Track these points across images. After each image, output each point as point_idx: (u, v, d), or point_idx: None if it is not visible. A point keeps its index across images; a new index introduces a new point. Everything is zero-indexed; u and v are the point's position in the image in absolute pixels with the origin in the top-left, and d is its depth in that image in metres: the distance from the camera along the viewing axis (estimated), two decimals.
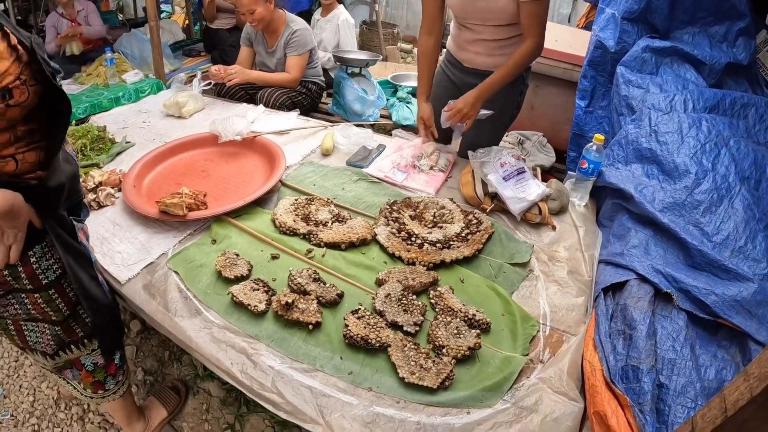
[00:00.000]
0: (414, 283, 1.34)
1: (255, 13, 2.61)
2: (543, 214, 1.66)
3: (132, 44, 3.81)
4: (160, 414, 1.70)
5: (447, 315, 1.24)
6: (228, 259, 1.41)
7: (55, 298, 1.14)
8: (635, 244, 1.45)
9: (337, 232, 1.55)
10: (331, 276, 1.42)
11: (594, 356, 1.15)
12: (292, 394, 1.06)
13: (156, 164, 1.98)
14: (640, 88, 1.83)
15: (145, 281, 1.39)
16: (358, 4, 7.06)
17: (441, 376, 1.08)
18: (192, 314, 1.28)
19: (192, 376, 1.89)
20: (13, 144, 0.96)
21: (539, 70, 2.58)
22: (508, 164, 1.73)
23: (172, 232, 1.60)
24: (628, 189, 1.58)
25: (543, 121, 2.79)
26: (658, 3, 1.87)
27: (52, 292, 1.13)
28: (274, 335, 1.21)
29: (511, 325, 1.26)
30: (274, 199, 1.80)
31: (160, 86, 3.25)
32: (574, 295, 1.39)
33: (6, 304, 1.11)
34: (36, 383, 1.92)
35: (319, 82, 3.07)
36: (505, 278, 1.44)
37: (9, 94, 0.89)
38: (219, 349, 1.17)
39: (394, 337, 1.18)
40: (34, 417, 1.81)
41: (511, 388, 1.10)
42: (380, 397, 1.08)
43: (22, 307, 1.12)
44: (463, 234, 1.55)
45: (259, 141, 2.10)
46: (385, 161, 2.05)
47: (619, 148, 1.76)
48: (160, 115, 2.61)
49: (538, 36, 1.71)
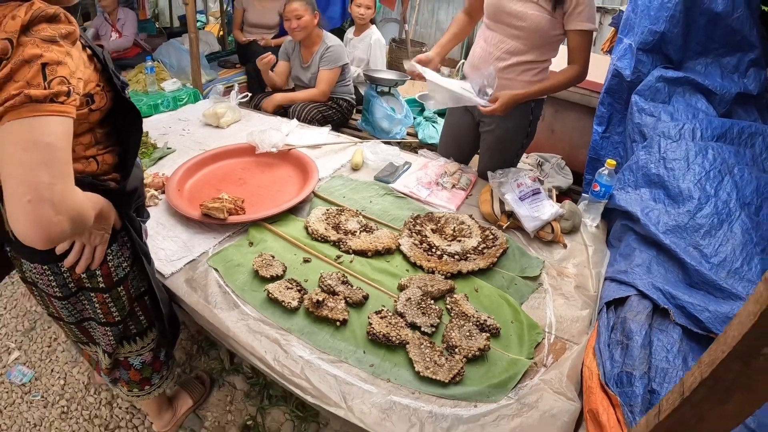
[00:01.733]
0: (432, 289, 1.47)
1: (302, 19, 2.80)
2: (555, 232, 1.78)
3: (170, 54, 3.92)
4: (186, 403, 1.81)
5: (461, 319, 1.37)
6: (264, 260, 1.56)
7: (123, 295, 1.24)
8: (639, 263, 1.55)
9: (364, 241, 1.69)
10: (358, 280, 1.55)
11: (593, 362, 1.26)
12: (318, 381, 1.19)
13: (197, 170, 2.13)
14: (653, 116, 1.93)
15: (187, 276, 1.54)
16: (388, 21, 7.24)
17: (452, 372, 1.20)
18: (230, 307, 1.42)
19: (218, 370, 2.02)
20: (94, 145, 1.06)
21: (559, 95, 2.70)
22: (525, 185, 1.85)
23: (212, 233, 1.74)
24: (636, 212, 1.68)
25: (562, 144, 2.91)
26: (671, 35, 1.97)
27: (121, 289, 1.23)
28: (305, 329, 1.35)
29: (519, 331, 1.38)
30: (307, 209, 1.94)
31: (197, 96, 3.37)
32: (579, 308, 1.50)
33: (75, 302, 1.22)
34: (68, 368, 2.04)
35: (350, 99, 3.24)
36: (516, 290, 1.55)
37: (91, 99, 0.98)
38: (254, 339, 1.31)
39: (412, 336, 1.31)
40: (64, 399, 1.91)
41: (515, 387, 1.22)
42: (397, 387, 1.21)
43: (90, 305, 1.23)
44: (480, 248, 1.67)
45: (294, 153, 2.26)
46: (411, 178, 2.18)
47: (630, 173, 1.87)
48: (199, 123, 2.77)
49: (584, 64, 1.82)
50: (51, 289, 1.16)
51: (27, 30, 0.79)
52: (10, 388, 1.95)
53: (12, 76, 0.78)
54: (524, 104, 1.90)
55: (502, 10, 1.80)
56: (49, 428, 1.80)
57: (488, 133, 2.10)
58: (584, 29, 1.73)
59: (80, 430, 1.80)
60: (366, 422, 1.11)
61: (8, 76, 0.78)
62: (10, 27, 0.78)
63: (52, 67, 0.81)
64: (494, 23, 1.88)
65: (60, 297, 1.18)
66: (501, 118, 1.93)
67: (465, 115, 2.16)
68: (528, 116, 2.01)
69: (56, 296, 1.18)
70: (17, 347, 2.14)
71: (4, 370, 2.03)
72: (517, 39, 1.83)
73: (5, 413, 1.85)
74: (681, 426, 0.68)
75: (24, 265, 1.13)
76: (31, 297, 2.40)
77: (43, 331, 2.22)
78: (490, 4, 1.85)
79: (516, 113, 1.92)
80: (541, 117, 2.14)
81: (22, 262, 1.14)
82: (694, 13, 1.91)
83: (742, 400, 0.63)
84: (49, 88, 0.79)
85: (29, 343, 2.16)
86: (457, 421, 1.13)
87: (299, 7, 2.77)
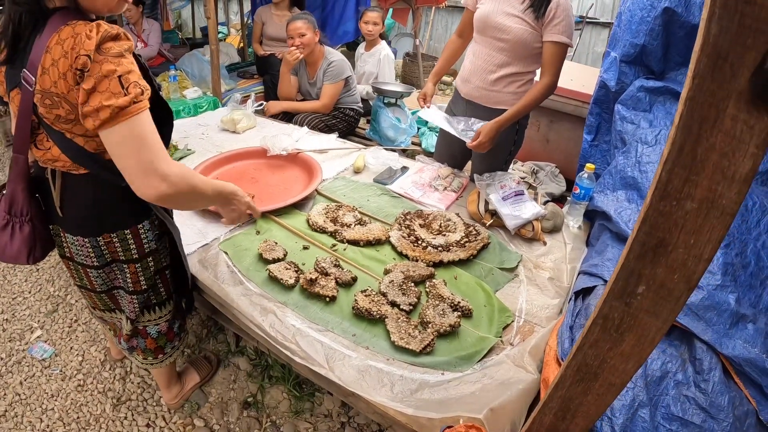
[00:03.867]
0: (414, 274, 1.63)
1: (304, 37, 2.98)
2: (536, 230, 1.92)
3: (192, 64, 4.12)
4: (193, 379, 1.99)
5: (437, 300, 1.52)
6: (268, 245, 1.74)
7: (150, 266, 1.44)
8: (609, 258, 1.68)
9: (357, 232, 1.86)
10: (349, 265, 1.72)
11: (554, 341, 1.40)
12: (306, 346, 1.36)
13: (214, 169, 2.34)
14: (633, 124, 2.05)
15: (200, 257, 1.73)
16: (402, 36, 7.45)
17: (424, 343, 1.35)
18: (236, 283, 1.61)
19: (225, 352, 2.19)
20: None
21: (554, 106, 2.85)
22: (508, 187, 2.00)
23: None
24: (610, 211, 1.82)
25: (557, 153, 3.04)
26: (651, 47, 2.07)
27: (150, 260, 1.43)
28: (299, 303, 1.53)
29: (490, 313, 1.53)
30: (310, 204, 2.12)
31: (217, 104, 3.50)
32: (551, 297, 1.64)
33: (108, 272, 1.42)
34: (86, 346, 2.22)
35: (357, 108, 3.43)
36: (493, 279, 1.70)
37: None
38: (254, 309, 1.49)
39: (391, 312, 1.47)
40: (81, 374, 2.09)
41: (481, 360, 1.36)
42: (374, 354, 1.36)
43: (122, 274, 1.43)
44: (462, 242, 1.82)
45: (302, 157, 2.45)
46: (407, 180, 2.35)
47: (609, 177, 1.99)
48: (217, 129, 2.99)
49: (554, 75, 1.97)
50: (89, 260, 1.37)
51: (99, 48, 1.03)
52: (31, 362, 2.14)
53: (96, 88, 1.02)
54: None
55: (490, 25, 1.98)
56: (65, 399, 1.98)
57: None
58: (558, 41, 1.89)
59: (94, 401, 1.97)
60: (343, 380, 1.27)
61: (93, 88, 1.02)
62: (88, 46, 1.01)
63: (126, 77, 1.04)
64: (481, 37, 2.06)
65: (96, 266, 1.38)
66: None
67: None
68: (514, 126, 2.16)
69: (93, 266, 1.38)
70: (40, 326, 2.34)
71: (27, 346, 2.23)
72: (503, 52, 2.00)
73: (25, 384, 2.04)
74: (585, 367, 0.82)
75: (67, 238, 1.34)
76: (54, 282, 2.62)
77: (65, 313, 2.42)
78: (479, 19, 2.03)
79: None
80: (537, 127, 2.29)
81: (65, 237, 1.35)
82: (674, 26, 2.02)
83: (633, 340, 0.76)
84: (128, 93, 1.03)
85: (51, 324, 2.36)
86: (424, 384, 1.27)
87: (302, 25, 2.96)
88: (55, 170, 1.24)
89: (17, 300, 2.52)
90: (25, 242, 1.29)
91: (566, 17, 1.88)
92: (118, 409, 1.94)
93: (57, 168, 1.23)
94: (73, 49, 1.02)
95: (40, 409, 1.94)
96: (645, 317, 0.70)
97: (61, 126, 1.13)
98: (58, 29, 1.05)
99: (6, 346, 2.23)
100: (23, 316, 2.41)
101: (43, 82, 1.07)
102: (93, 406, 1.95)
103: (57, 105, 1.08)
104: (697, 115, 0.53)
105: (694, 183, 0.56)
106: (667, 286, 0.65)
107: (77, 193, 1.27)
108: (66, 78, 1.04)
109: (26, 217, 1.28)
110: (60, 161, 1.21)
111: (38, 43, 1.06)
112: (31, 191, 1.28)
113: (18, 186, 1.24)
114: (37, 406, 1.95)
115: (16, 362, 2.14)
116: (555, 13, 1.86)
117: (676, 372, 1.37)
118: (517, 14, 1.91)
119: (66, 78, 1.04)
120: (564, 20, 1.87)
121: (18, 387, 2.03)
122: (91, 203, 1.28)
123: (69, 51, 1.02)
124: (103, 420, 1.90)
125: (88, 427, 1.87)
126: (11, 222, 1.27)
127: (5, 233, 1.27)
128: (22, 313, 2.42)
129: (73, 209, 1.29)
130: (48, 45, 1.05)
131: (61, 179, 1.25)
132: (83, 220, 1.30)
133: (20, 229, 1.28)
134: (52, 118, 1.11)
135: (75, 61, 1.02)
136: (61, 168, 1.23)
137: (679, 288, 0.64)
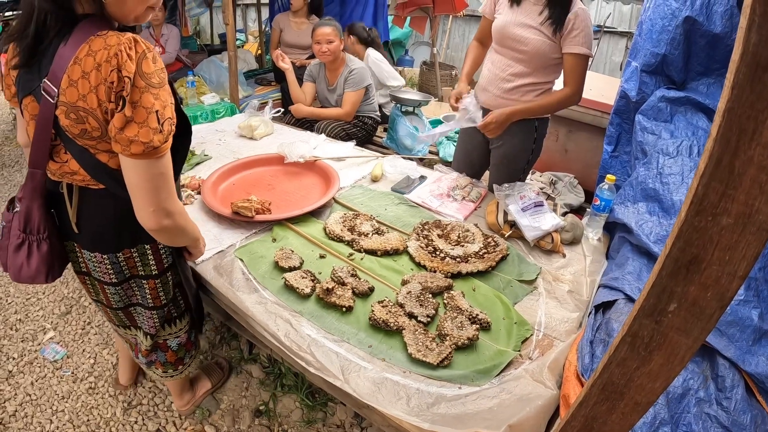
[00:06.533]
0: (432, 285, 1.60)
1: (332, 44, 3.01)
2: (555, 242, 1.89)
3: (210, 70, 4.18)
4: (205, 386, 1.98)
5: (455, 312, 1.50)
6: (284, 253, 1.73)
7: (169, 280, 1.43)
8: (630, 271, 1.65)
9: (375, 242, 1.84)
10: (366, 274, 1.70)
11: (574, 356, 1.37)
12: (321, 356, 1.34)
13: (230, 175, 2.35)
14: (654, 135, 2.02)
15: (215, 263, 1.73)
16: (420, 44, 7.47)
17: (441, 356, 1.33)
18: (251, 291, 1.60)
19: (237, 359, 2.19)
20: None
21: (572, 116, 2.82)
22: (527, 198, 1.97)
23: (240, 230, 1.93)
24: (631, 224, 1.78)
25: (575, 164, 3.01)
26: (672, 57, 2.04)
27: (169, 275, 1.42)
28: (314, 313, 1.51)
29: (509, 326, 1.50)
30: (327, 213, 2.11)
31: (234, 110, 3.55)
32: (571, 311, 1.60)
33: (126, 288, 1.40)
34: (99, 349, 2.24)
35: (375, 117, 3.43)
36: (512, 291, 1.67)
37: None
38: (269, 318, 1.48)
39: (408, 324, 1.44)
40: (92, 377, 2.10)
41: (499, 374, 1.33)
42: (390, 366, 1.34)
43: (140, 290, 1.41)
44: (481, 253, 1.80)
45: (319, 164, 2.45)
46: (424, 189, 2.34)
47: (630, 188, 1.96)
48: (234, 135, 3.01)
49: (576, 86, 1.96)
50: (107, 276, 1.34)
51: (140, 71, 1.01)
52: (43, 363, 2.16)
53: (134, 119, 1.01)
54: (528, 123, 2.05)
55: (507, 36, 1.97)
56: (76, 401, 1.99)
57: (496, 149, 2.26)
58: (578, 53, 1.87)
59: (105, 404, 1.98)
60: (359, 392, 1.25)
61: (130, 119, 1.01)
62: (129, 67, 0.99)
63: (162, 113, 1.04)
64: (500, 47, 2.04)
65: (114, 283, 1.36)
66: (507, 135, 2.07)
67: (476, 134, 2.32)
68: (532, 134, 2.15)
69: (111, 282, 1.36)
70: (53, 328, 2.37)
71: (39, 347, 2.25)
72: (521, 62, 1.99)
73: (36, 385, 2.06)
74: (611, 385, 0.80)
75: (84, 254, 1.31)
76: (69, 284, 2.65)
77: (78, 315, 2.45)
78: (497, 29, 2.02)
79: (520, 131, 2.07)
80: (555, 137, 2.27)
81: (81, 253, 1.32)
82: (695, 35, 2.00)
83: (662, 359, 0.74)
84: (162, 130, 1.04)
85: (64, 325, 2.39)
86: (441, 398, 1.25)
87: (330, 32, 2.99)
88: (72, 185, 1.20)
89: (31, 300, 2.55)
90: (43, 261, 1.23)
91: (585, 27, 1.86)
92: (128, 413, 1.95)
93: (75, 182, 1.19)
94: (108, 62, 0.98)
95: (51, 411, 1.95)
96: (675, 335, 0.68)
97: (85, 141, 1.09)
98: (89, 39, 1.00)
99: (18, 346, 2.25)
100: (36, 317, 2.44)
101: (69, 95, 1.02)
102: (103, 410, 1.96)
103: (83, 120, 1.04)
104: (735, 127, 0.51)
105: (731, 197, 0.54)
106: (699, 304, 0.63)
107: (95, 209, 1.23)
108: (97, 92, 1.00)
109: (44, 235, 1.22)
110: (79, 175, 1.16)
111: (62, 52, 1.01)
112: (47, 207, 1.23)
113: (34, 203, 1.19)
114: (47, 407, 1.97)
115: (27, 363, 2.16)
116: (573, 25, 1.85)
117: (698, 389, 1.33)
118: (536, 26, 1.90)
119: (97, 92, 1.00)
120: (583, 31, 1.86)
121: (29, 387, 2.04)
122: (111, 218, 1.24)
123: (102, 64, 0.98)
124: (113, 424, 1.91)
125: (98, 430, 1.88)
126: (27, 240, 1.21)
127: (21, 253, 1.21)
128: (35, 314, 2.45)
129: (91, 225, 1.25)
130: (77, 56, 1.00)
131: (78, 194, 1.21)
132: (101, 236, 1.27)
133: (38, 248, 1.22)
134: (77, 133, 1.07)
135: (110, 76, 0.98)
136: (79, 182, 1.18)
137: (711, 306, 0.62)
